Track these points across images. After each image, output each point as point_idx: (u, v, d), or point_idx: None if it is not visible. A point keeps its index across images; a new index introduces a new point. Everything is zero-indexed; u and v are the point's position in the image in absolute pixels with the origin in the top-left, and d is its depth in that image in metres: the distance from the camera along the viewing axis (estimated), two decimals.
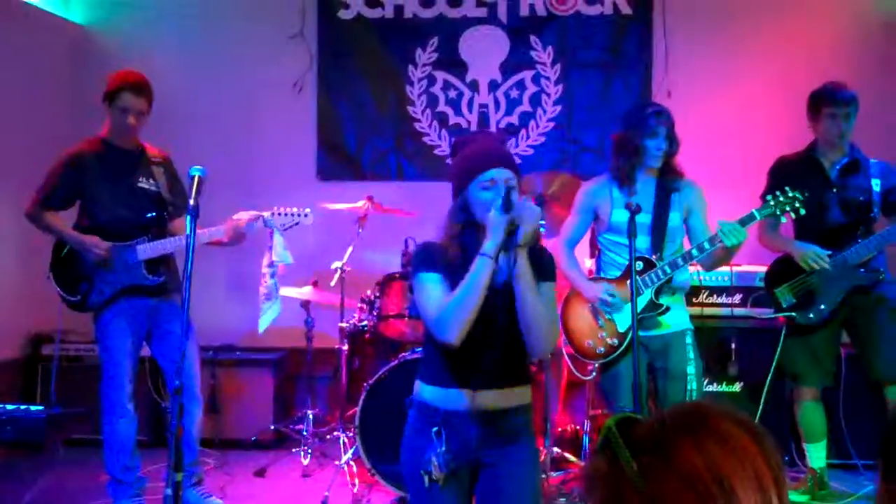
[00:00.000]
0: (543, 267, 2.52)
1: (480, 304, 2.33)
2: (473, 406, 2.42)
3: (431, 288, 2.42)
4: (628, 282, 3.36)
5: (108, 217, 4.05)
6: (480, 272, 2.31)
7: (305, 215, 4.15)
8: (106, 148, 4.10)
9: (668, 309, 3.65)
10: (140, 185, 4.11)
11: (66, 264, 4.07)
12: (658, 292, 3.62)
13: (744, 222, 3.50)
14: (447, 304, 2.35)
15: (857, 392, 4.56)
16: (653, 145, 3.62)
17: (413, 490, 2.49)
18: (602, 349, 3.67)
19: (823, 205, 4.08)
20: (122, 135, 4.09)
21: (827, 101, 4.10)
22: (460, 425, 2.43)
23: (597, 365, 3.72)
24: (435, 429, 2.41)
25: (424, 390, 2.51)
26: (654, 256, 3.63)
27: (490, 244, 2.31)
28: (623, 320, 3.60)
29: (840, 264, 4.02)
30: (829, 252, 4.03)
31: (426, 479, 2.39)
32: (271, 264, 4.17)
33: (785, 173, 4.11)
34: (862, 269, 4.05)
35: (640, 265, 3.59)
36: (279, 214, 4.11)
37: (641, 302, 3.56)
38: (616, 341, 3.64)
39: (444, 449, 2.39)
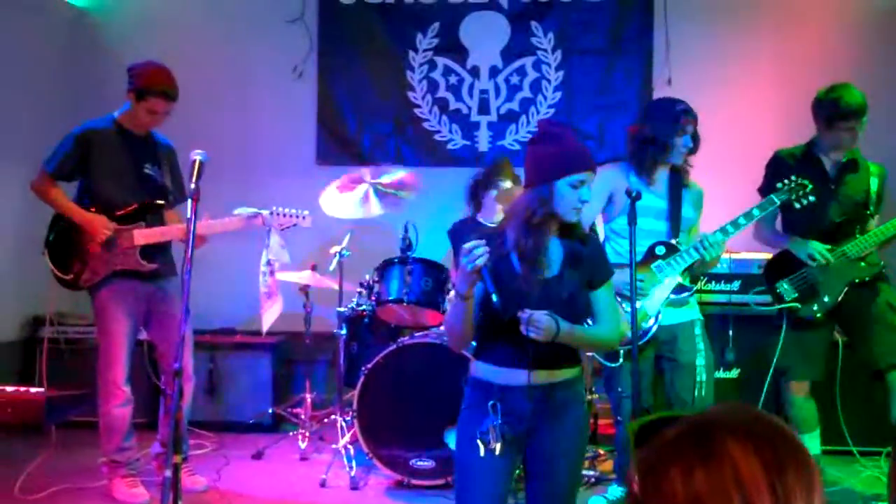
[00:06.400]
0: (597, 266, 2.63)
1: (470, 324, 2.53)
2: (527, 382, 2.53)
3: None
4: (651, 266, 3.56)
5: (109, 198, 4.07)
6: (456, 312, 2.52)
7: (304, 217, 4.18)
8: (118, 130, 4.13)
9: (694, 291, 3.73)
10: (146, 170, 4.15)
11: (61, 242, 4.07)
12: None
13: (764, 208, 3.62)
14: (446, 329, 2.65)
15: (853, 379, 4.56)
16: (681, 143, 3.67)
17: (463, 460, 2.60)
18: (629, 335, 3.67)
19: (821, 202, 3.97)
20: (140, 127, 4.15)
21: (841, 116, 3.91)
22: (514, 399, 2.54)
23: (622, 351, 3.71)
24: (491, 402, 2.53)
25: (480, 368, 2.63)
26: (674, 241, 3.68)
27: (459, 288, 2.46)
28: (651, 305, 3.64)
29: (840, 257, 3.98)
30: (829, 247, 3.99)
31: (482, 447, 2.52)
32: (268, 263, 4.21)
33: (783, 168, 4.04)
34: (862, 263, 4.01)
35: (662, 249, 3.66)
36: (278, 214, 4.13)
37: (671, 286, 3.66)
38: (648, 324, 3.65)
39: (500, 422, 2.51)
